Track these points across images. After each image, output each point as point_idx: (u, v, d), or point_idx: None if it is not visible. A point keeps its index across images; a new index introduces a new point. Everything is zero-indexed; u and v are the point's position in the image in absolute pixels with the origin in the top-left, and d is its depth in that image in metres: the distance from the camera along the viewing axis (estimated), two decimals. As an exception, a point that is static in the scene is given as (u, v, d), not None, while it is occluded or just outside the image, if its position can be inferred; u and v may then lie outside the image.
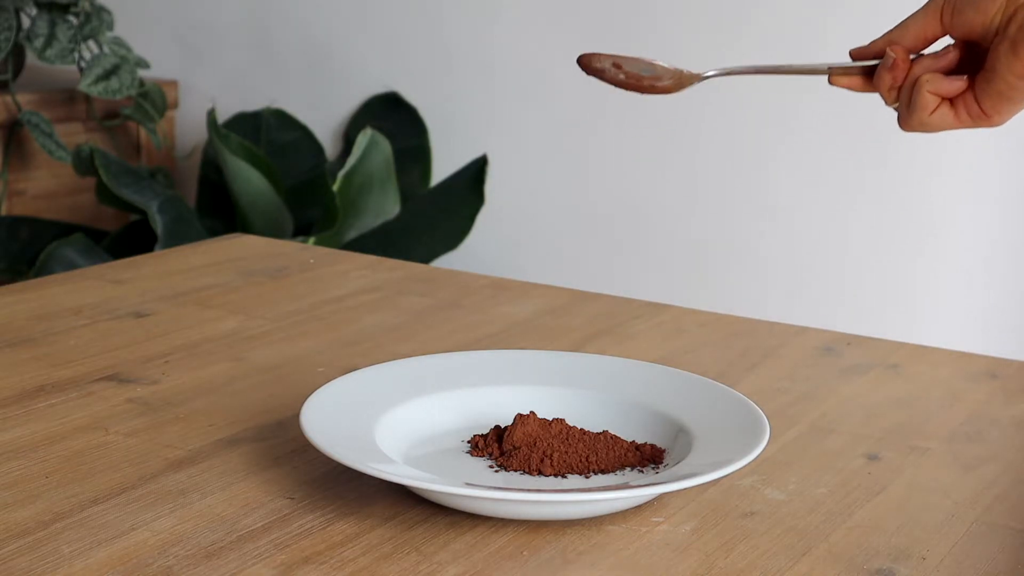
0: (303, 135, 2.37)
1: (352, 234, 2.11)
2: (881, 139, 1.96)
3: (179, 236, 2.00)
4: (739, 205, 2.10)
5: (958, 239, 1.97)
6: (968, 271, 1.96)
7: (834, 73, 0.81)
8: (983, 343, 1.87)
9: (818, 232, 2.05)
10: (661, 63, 0.83)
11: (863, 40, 0.82)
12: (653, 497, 0.78)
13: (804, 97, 2.01)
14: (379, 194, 2.07)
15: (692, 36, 2.09)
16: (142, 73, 2.37)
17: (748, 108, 2.07)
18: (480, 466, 0.82)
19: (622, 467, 0.82)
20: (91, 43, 2.29)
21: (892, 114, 0.81)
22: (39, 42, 2.20)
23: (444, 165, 2.30)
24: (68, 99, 2.36)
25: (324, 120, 2.43)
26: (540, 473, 0.81)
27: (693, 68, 0.83)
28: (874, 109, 1.97)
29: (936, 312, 1.97)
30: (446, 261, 2.21)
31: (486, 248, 2.27)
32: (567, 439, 0.82)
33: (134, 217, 2.30)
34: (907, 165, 1.96)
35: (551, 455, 0.81)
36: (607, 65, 0.82)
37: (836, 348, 1.09)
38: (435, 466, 0.81)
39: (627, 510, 0.77)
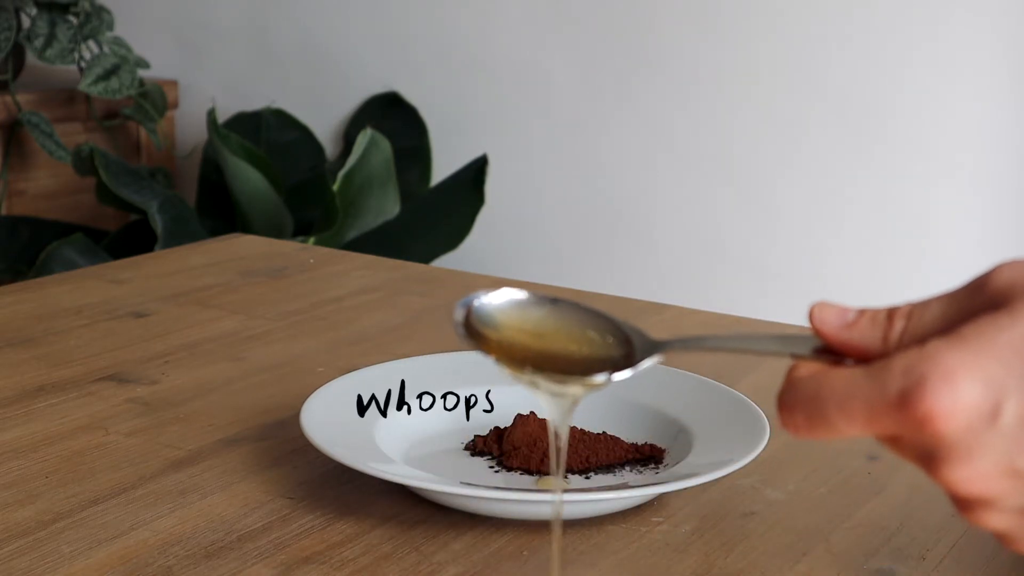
0: (303, 135, 2.37)
1: (352, 234, 2.11)
2: (879, 140, 1.95)
3: (179, 236, 2.00)
4: (739, 205, 2.10)
5: (955, 239, 1.97)
6: (965, 271, 1.96)
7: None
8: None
9: (817, 232, 2.05)
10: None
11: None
12: (653, 497, 0.78)
13: (804, 98, 2.01)
14: (379, 194, 2.07)
15: (691, 36, 2.09)
16: (142, 73, 2.37)
17: (747, 109, 2.07)
18: (480, 466, 0.82)
19: (622, 467, 0.82)
20: (91, 43, 2.29)
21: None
22: (39, 42, 2.20)
23: (444, 165, 2.30)
24: (68, 99, 2.36)
25: (324, 120, 2.43)
26: (540, 473, 0.81)
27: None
28: (873, 110, 1.97)
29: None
30: (446, 261, 2.20)
31: (486, 248, 2.27)
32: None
33: (134, 217, 2.30)
34: (905, 166, 1.96)
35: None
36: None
37: (836, 348, 1.09)
38: (435, 466, 0.81)
39: (627, 510, 0.77)
